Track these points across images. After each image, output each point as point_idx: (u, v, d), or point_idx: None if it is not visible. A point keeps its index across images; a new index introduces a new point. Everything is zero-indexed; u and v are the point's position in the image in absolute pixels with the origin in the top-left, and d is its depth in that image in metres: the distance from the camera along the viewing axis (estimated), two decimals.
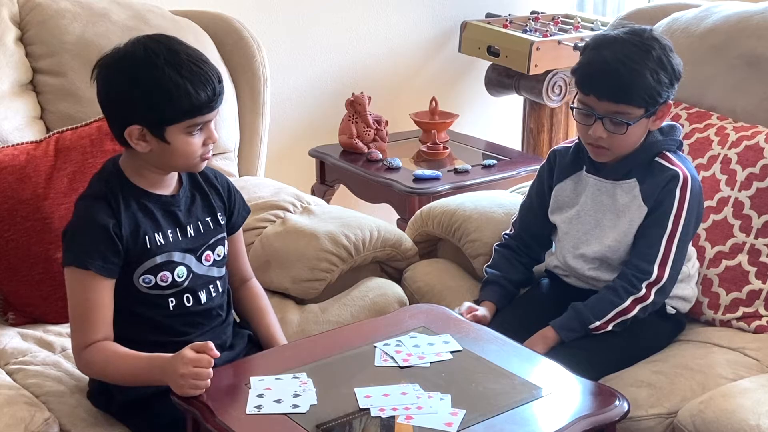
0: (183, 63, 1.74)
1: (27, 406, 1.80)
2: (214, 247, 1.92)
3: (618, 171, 2.08)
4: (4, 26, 2.39)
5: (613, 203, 2.09)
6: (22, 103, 2.38)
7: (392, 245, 2.46)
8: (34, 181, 2.16)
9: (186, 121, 1.76)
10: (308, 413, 1.63)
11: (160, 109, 1.74)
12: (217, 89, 1.77)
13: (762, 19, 2.36)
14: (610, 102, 1.97)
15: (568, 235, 2.15)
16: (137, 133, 1.77)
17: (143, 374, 1.75)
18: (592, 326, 2.03)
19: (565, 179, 2.17)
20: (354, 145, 3.28)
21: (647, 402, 1.92)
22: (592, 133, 2.00)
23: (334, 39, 3.59)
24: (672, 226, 2.01)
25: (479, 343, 1.90)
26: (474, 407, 1.66)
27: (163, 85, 1.72)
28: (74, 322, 1.81)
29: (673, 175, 2.02)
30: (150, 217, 1.83)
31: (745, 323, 2.13)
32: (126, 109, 1.77)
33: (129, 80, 1.75)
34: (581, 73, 2.02)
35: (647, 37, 1.99)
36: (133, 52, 1.76)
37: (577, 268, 2.14)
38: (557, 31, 3.61)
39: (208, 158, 1.85)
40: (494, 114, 4.01)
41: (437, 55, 3.86)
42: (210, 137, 1.82)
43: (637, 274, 2.02)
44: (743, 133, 2.25)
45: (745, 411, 1.78)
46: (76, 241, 1.79)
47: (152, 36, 1.80)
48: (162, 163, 1.82)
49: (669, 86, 1.99)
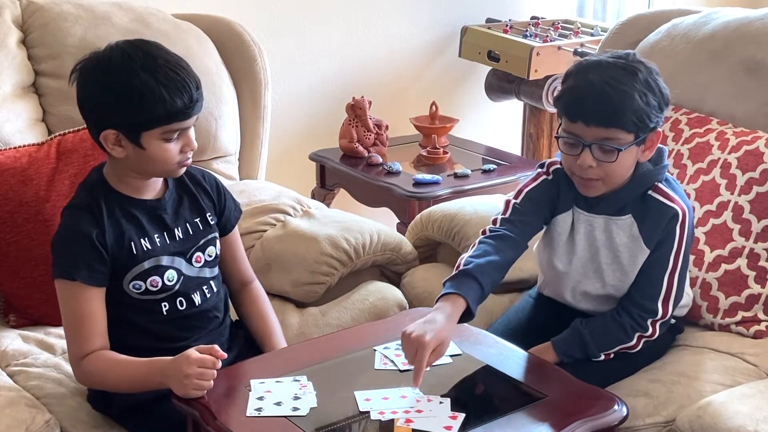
0: (159, 68, 1.72)
1: (28, 408, 1.80)
2: (204, 247, 1.92)
3: (611, 206, 1.97)
4: (6, 29, 2.40)
5: (608, 240, 2.00)
6: (24, 106, 2.38)
7: (392, 249, 2.46)
8: (35, 183, 2.16)
9: (161, 128, 1.74)
10: (308, 416, 1.63)
11: (134, 114, 1.72)
12: (194, 96, 1.74)
13: (761, 25, 2.37)
14: (599, 127, 1.85)
15: (567, 276, 2.07)
16: (113, 138, 1.76)
17: (143, 379, 1.75)
18: (594, 359, 1.99)
19: (565, 212, 2.03)
20: (354, 149, 3.28)
21: (644, 411, 1.91)
22: (581, 163, 1.88)
23: (335, 43, 3.60)
24: (673, 263, 1.97)
25: (479, 347, 1.90)
26: (473, 411, 1.66)
27: (137, 90, 1.70)
28: (69, 334, 1.81)
29: (674, 214, 1.94)
30: (135, 223, 1.83)
31: (744, 328, 2.14)
32: (101, 113, 1.76)
33: (104, 84, 1.74)
34: (566, 99, 1.89)
35: (632, 60, 1.89)
36: (110, 56, 1.75)
37: (574, 304, 2.09)
38: (557, 37, 3.62)
39: (186, 165, 1.84)
40: (494, 119, 4.02)
41: (437, 60, 3.87)
42: (188, 144, 1.79)
43: (643, 313, 1.98)
44: (743, 138, 2.26)
45: (742, 417, 1.78)
46: (62, 253, 1.79)
47: (131, 41, 1.78)
48: (140, 169, 1.81)
49: (658, 110, 1.88)
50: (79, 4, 2.53)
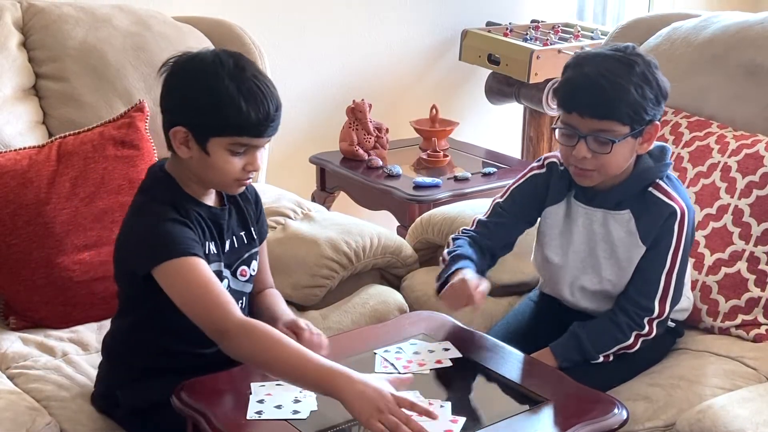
0: (245, 80, 1.70)
1: (28, 410, 1.80)
2: (249, 261, 1.90)
3: (609, 200, 1.99)
4: (7, 31, 2.40)
5: (606, 234, 2.01)
6: (25, 108, 2.38)
7: (392, 252, 2.46)
8: (36, 185, 2.16)
9: (230, 138, 1.71)
10: (309, 419, 1.64)
11: (208, 116, 1.70)
12: (271, 115, 1.71)
13: (761, 29, 2.37)
14: (593, 119, 1.87)
15: (564, 269, 2.07)
16: (182, 137, 1.74)
17: (317, 377, 1.60)
18: (593, 361, 1.99)
19: (557, 203, 2.06)
20: (354, 152, 3.29)
21: (644, 416, 1.91)
22: (576, 153, 1.90)
23: (335, 46, 3.60)
24: (671, 262, 1.97)
25: (479, 350, 1.90)
26: (474, 414, 1.66)
27: (218, 94, 1.69)
28: (204, 308, 1.69)
29: (672, 211, 1.95)
30: (201, 226, 1.80)
31: (743, 331, 2.14)
32: (177, 108, 1.75)
33: (188, 81, 1.73)
34: (563, 90, 1.92)
35: (630, 53, 1.90)
36: (203, 57, 1.74)
37: (572, 302, 2.10)
38: (557, 40, 3.63)
39: (245, 184, 1.81)
40: (494, 122, 4.02)
41: (438, 63, 3.87)
42: (252, 164, 1.76)
43: (639, 311, 1.98)
44: (743, 142, 2.26)
45: (742, 421, 1.78)
46: (166, 237, 1.71)
47: (228, 50, 1.77)
48: (199, 175, 1.78)
49: (655, 103, 1.88)
50: (80, 6, 2.53)
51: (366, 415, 1.54)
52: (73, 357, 2.07)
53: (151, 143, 2.32)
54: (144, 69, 2.49)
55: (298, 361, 1.62)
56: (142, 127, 2.31)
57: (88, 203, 2.20)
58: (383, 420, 1.53)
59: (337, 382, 1.57)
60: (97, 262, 2.19)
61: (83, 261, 2.18)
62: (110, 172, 2.24)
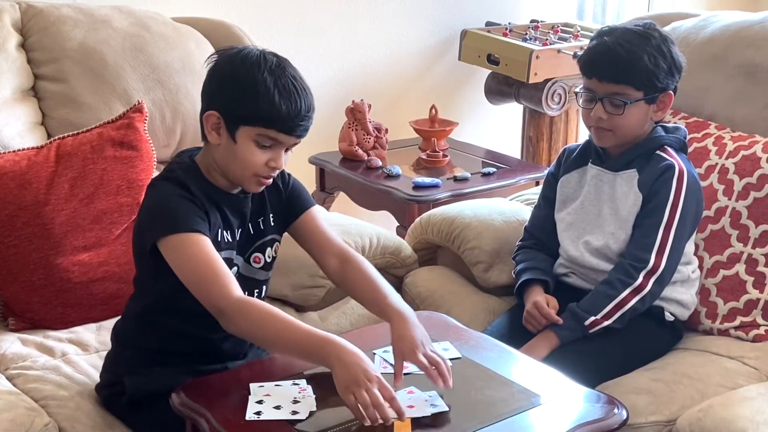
0: (284, 77, 1.75)
1: (27, 411, 1.80)
2: (263, 248, 1.91)
3: (621, 162, 2.14)
4: (6, 32, 2.40)
5: (612, 192, 2.14)
6: (24, 109, 2.38)
7: (392, 252, 2.46)
8: (34, 187, 2.16)
9: (259, 128, 1.75)
10: (307, 420, 1.63)
11: (240, 103, 1.74)
12: (302, 113, 1.76)
13: (761, 29, 2.37)
14: (610, 83, 2.06)
15: (572, 226, 2.20)
16: (214, 121, 1.77)
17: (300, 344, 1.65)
18: (588, 322, 2.04)
19: (571, 171, 2.24)
20: (354, 153, 3.29)
21: (647, 409, 1.92)
22: (593, 114, 2.08)
23: (335, 46, 3.60)
24: (669, 216, 2.05)
25: (478, 350, 1.90)
26: (473, 415, 1.66)
27: (254, 84, 1.73)
28: (203, 285, 1.71)
29: (669, 165, 2.08)
30: (222, 214, 1.83)
31: (743, 332, 2.14)
32: (213, 93, 1.79)
33: (229, 70, 1.77)
34: (585, 58, 2.12)
35: (649, 27, 2.09)
36: (248, 51, 1.78)
37: (579, 259, 2.16)
38: (557, 40, 3.63)
39: (265, 183, 1.83)
40: (494, 122, 4.02)
41: (437, 63, 3.88)
42: (275, 160, 1.79)
43: (634, 263, 2.05)
44: (741, 143, 2.26)
45: (743, 420, 1.78)
46: (171, 212, 1.74)
47: (275, 52, 1.81)
48: (224, 162, 1.81)
49: (668, 74, 2.06)
50: (79, 7, 2.53)
51: (344, 384, 1.58)
52: (72, 357, 2.07)
53: (150, 144, 2.32)
54: (143, 70, 2.49)
55: (290, 332, 1.66)
56: (141, 128, 2.31)
57: (87, 204, 2.20)
58: (357, 394, 1.56)
59: (327, 348, 1.62)
60: (95, 263, 2.20)
61: (82, 262, 2.18)
62: (109, 173, 2.24)
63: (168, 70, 2.52)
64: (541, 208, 2.31)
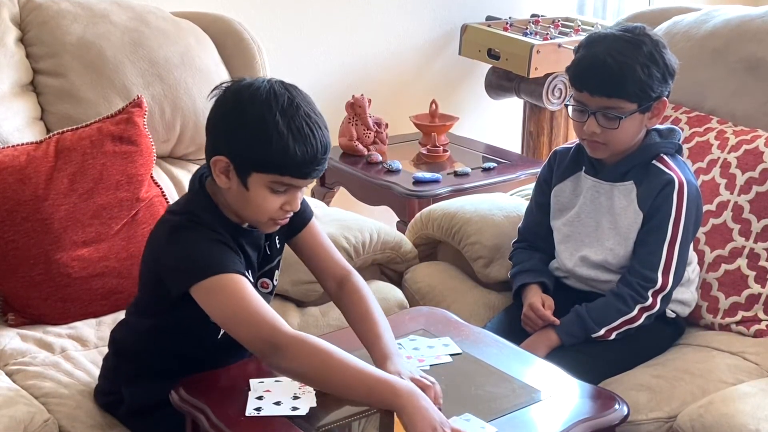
0: (297, 117, 1.63)
1: (26, 407, 1.79)
2: (271, 273, 1.87)
3: (616, 172, 2.08)
4: (4, 27, 2.39)
5: (610, 205, 2.09)
6: (23, 104, 2.38)
7: (392, 248, 2.46)
8: (34, 182, 2.16)
9: (272, 175, 1.65)
10: (308, 415, 1.63)
11: (252, 150, 1.64)
12: (318, 158, 1.65)
13: (762, 23, 2.37)
14: (602, 97, 1.98)
15: (569, 238, 2.15)
16: (222, 166, 1.68)
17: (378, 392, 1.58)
18: (595, 335, 2.03)
19: (564, 180, 2.18)
20: (354, 148, 3.28)
21: (647, 406, 1.92)
22: (586, 128, 2.02)
23: (335, 41, 3.59)
24: (672, 233, 2.01)
25: (479, 346, 1.90)
26: (473, 410, 1.66)
27: (266, 128, 1.62)
28: (252, 326, 1.63)
29: (669, 180, 2.02)
30: (243, 252, 1.76)
31: (744, 327, 2.13)
32: (222, 137, 1.68)
33: (238, 109, 1.66)
34: (574, 70, 2.04)
35: (639, 33, 2.00)
36: (258, 86, 1.67)
37: (576, 271, 2.14)
38: (557, 35, 3.62)
39: (280, 224, 1.75)
40: (494, 117, 4.02)
41: (437, 58, 3.87)
42: (290, 204, 1.70)
43: (642, 282, 2.02)
44: (743, 137, 2.25)
45: (744, 416, 1.78)
46: (205, 255, 1.66)
47: (285, 83, 1.70)
48: (235, 206, 1.73)
49: (662, 81, 1.99)
50: (78, 2, 2.52)
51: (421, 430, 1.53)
52: (72, 353, 2.07)
53: (149, 139, 2.32)
54: (142, 64, 2.48)
55: (357, 375, 1.59)
56: (141, 122, 2.31)
57: (87, 199, 2.20)
58: None
59: (400, 398, 1.56)
60: (95, 258, 2.19)
61: (81, 257, 2.18)
62: (108, 168, 2.23)
63: (167, 65, 2.51)
64: (534, 213, 2.26)
